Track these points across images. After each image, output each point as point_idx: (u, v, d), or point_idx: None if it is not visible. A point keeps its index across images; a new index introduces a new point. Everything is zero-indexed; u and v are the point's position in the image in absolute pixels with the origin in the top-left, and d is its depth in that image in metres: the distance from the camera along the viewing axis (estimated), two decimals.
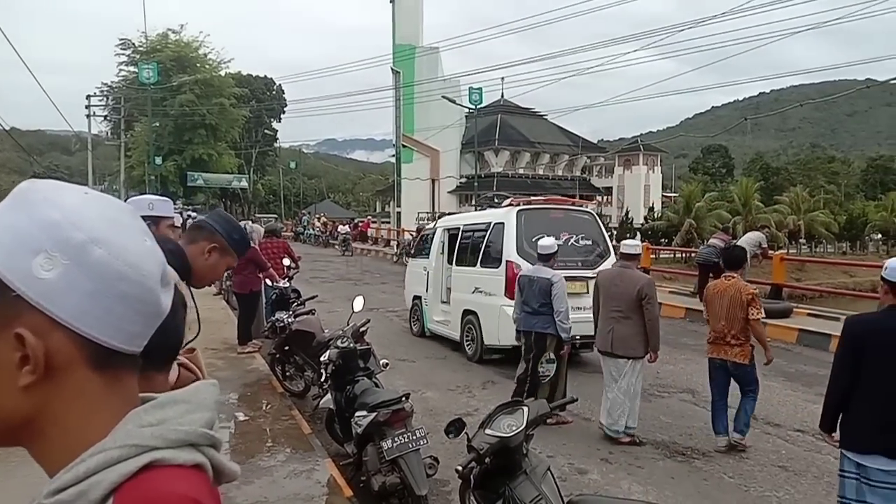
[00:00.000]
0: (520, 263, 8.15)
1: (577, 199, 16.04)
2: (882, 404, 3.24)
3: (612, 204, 68.14)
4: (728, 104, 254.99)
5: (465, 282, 9.48)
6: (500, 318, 8.33)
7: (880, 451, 3.18)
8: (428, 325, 10.60)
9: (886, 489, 3.15)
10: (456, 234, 10.07)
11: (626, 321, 5.71)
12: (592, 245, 8.89)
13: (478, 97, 31.37)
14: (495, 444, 3.11)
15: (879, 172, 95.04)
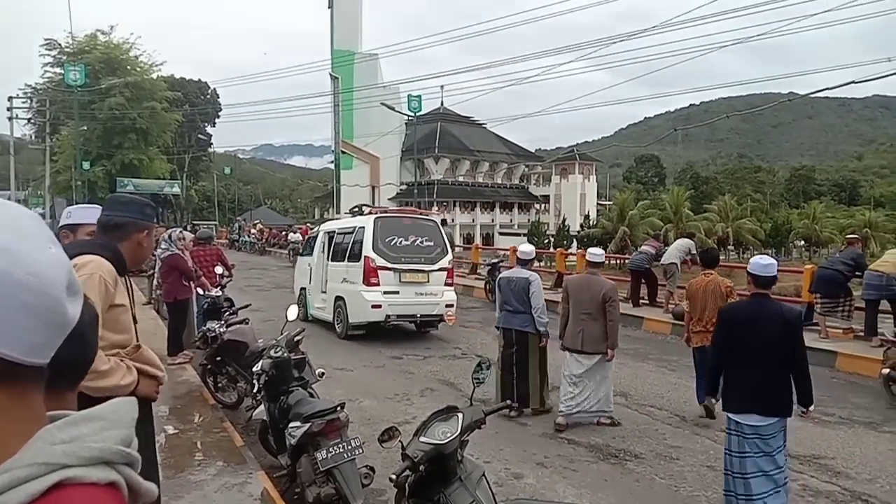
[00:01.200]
0: (374, 258, 10.56)
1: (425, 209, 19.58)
2: (747, 375, 4.22)
3: (549, 212, 69.22)
4: (660, 115, 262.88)
5: (337, 274, 11.47)
6: (360, 301, 10.61)
7: (749, 409, 4.18)
8: (311, 312, 12.46)
9: (756, 439, 4.15)
10: (332, 236, 12.19)
11: (594, 322, 6.36)
12: (434, 245, 11.13)
13: (417, 105, 31.42)
14: (430, 452, 3.10)
15: (802, 182, 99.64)
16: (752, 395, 4.19)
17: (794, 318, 4.43)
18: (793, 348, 4.22)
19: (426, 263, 10.88)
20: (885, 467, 5.41)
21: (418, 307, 10.77)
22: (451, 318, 11.14)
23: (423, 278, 10.83)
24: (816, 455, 5.67)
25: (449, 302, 11.11)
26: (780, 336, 4.21)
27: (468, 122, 68.51)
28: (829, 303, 10.01)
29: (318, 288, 12.31)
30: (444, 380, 8.18)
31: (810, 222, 65.65)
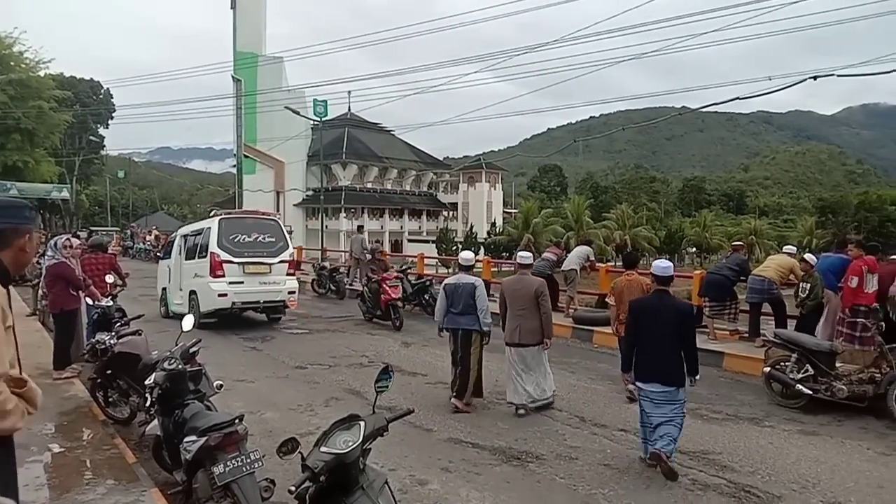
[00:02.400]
0: (219, 253, 12.10)
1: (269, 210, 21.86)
2: (647, 353, 5.57)
3: (457, 219, 69.90)
4: (563, 126, 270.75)
5: (190, 270, 12.89)
6: (208, 292, 12.11)
7: (652, 379, 5.48)
8: (171, 308, 13.78)
9: (661, 401, 5.45)
10: (186, 238, 13.59)
11: (529, 317, 7.13)
12: (275, 241, 12.83)
13: (323, 109, 31.00)
14: (331, 462, 3.06)
15: (693, 192, 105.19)
16: (655, 369, 5.49)
17: (685, 308, 5.83)
18: (684, 332, 5.51)
19: (268, 257, 12.57)
20: (765, 459, 5.78)
21: (261, 294, 12.52)
22: (293, 303, 13.13)
23: (266, 269, 12.53)
24: (705, 451, 5.99)
25: (291, 289, 12.94)
26: (675, 323, 5.49)
27: (376, 128, 68.27)
28: (716, 306, 10.61)
29: (176, 286, 13.63)
30: (351, 389, 8.09)
31: (701, 230, 69.46)
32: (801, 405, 7.36)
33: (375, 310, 13.39)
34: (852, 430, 6.70)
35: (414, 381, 8.55)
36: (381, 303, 13.11)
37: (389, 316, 12.95)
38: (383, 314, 13.11)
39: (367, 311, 13.77)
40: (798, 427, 6.79)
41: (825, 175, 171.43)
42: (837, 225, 70.30)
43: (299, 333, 12.37)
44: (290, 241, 13.47)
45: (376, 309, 13.34)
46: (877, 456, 5.94)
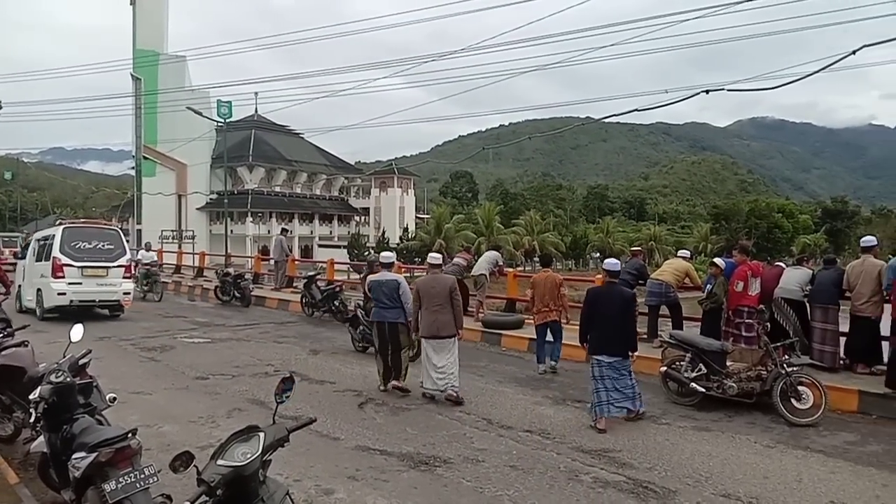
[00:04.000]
0: (60, 257, 13.72)
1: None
2: (599, 330, 7.06)
3: (369, 224, 69.52)
4: (473, 134, 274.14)
5: (38, 271, 14.44)
6: (50, 291, 13.80)
7: (603, 352, 6.93)
8: (24, 304, 15.22)
9: (609, 369, 6.87)
10: (39, 241, 15.18)
11: (444, 311, 7.81)
12: (114, 248, 14.44)
13: (227, 110, 30.06)
14: (228, 475, 2.95)
15: (597, 199, 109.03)
16: (604, 343, 6.99)
17: (629, 295, 7.33)
18: (628, 314, 7.09)
19: (106, 262, 14.21)
20: (662, 456, 6.02)
21: (98, 294, 14.18)
22: (127, 302, 14.69)
23: (103, 273, 14.15)
24: (606, 449, 6.18)
25: (126, 290, 14.62)
26: (621, 306, 7.03)
27: (284, 131, 66.93)
28: None
29: (28, 283, 15.19)
30: (255, 399, 7.85)
31: (604, 236, 72.10)
32: (696, 402, 7.73)
33: None
34: (741, 425, 7.10)
35: (322, 390, 8.40)
36: None
37: None
38: None
39: (363, 340, 10.85)
40: (692, 423, 7.13)
41: (719, 184, 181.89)
42: (730, 231, 74.64)
43: (201, 343, 11.92)
44: (128, 248, 15.29)
45: None
46: (763, 448, 6.30)
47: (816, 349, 8.79)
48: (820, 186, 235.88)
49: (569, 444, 6.34)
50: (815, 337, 8.89)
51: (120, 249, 14.59)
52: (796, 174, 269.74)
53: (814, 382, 7.27)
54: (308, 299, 15.29)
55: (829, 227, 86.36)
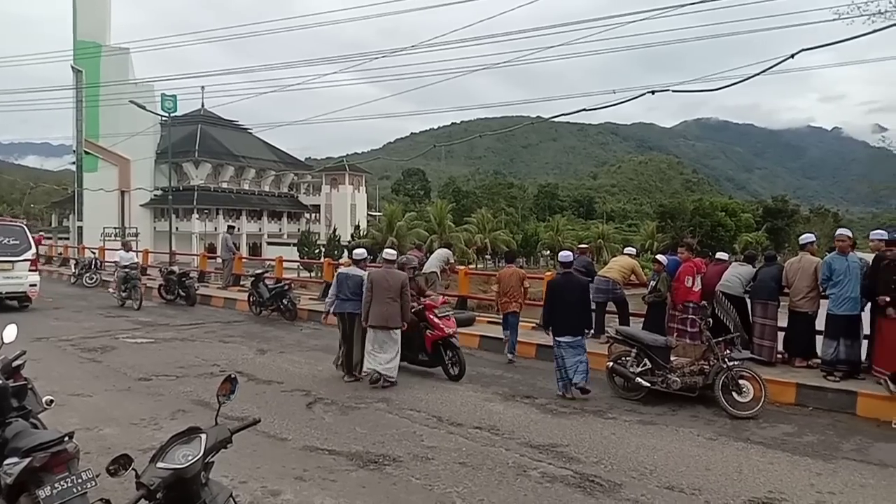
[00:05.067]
0: None
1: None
2: (562, 316, 8.15)
3: (320, 222, 68.81)
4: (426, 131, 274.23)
5: None
6: None
7: (566, 334, 8.09)
8: None
9: (571, 348, 8.01)
10: None
11: (394, 304, 8.47)
12: (20, 244, 15.11)
13: (172, 105, 29.36)
14: (168, 478, 2.87)
15: (547, 198, 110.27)
16: (567, 326, 8.13)
17: (584, 283, 8.67)
18: (584, 299, 8.42)
19: (11, 256, 14.85)
20: (608, 450, 6.13)
21: (3, 286, 14.79)
22: (34, 294, 15.24)
23: (9, 266, 14.84)
24: (553, 444, 6.25)
25: (32, 283, 15.19)
26: (578, 293, 8.28)
27: (232, 126, 65.69)
28: None
29: None
30: (200, 400, 7.68)
31: (554, 234, 73.03)
32: (641, 397, 7.89)
33: (416, 351, 9.31)
34: (685, 419, 7.28)
35: (269, 390, 8.28)
36: (425, 342, 9.14)
37: (440, 360, 9.12)
38: (430, 358, 9.23)
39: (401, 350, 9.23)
40: (637, 418, 7.28)
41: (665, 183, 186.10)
42: (675, 229, 76.46)
43: (144, 343, 11.59)
44: (33, 243, 15.88)
45: (417, 350, 9.30)
46: (705, 441, 6.48)
47: (756, 344, 9.08)
48: (761, 186, 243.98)
49: (518, 439, 6.39)
50: (754, 332, 9.18)
51: (25, 245, 15.32)
52: (739, 174, 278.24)
53: (754, 376, 7.50)
54: (256, 298, 15.03)
55: (770, 225, 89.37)
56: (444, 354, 9.06)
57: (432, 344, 9.10)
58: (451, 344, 9.08)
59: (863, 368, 8.21)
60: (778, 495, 5.09)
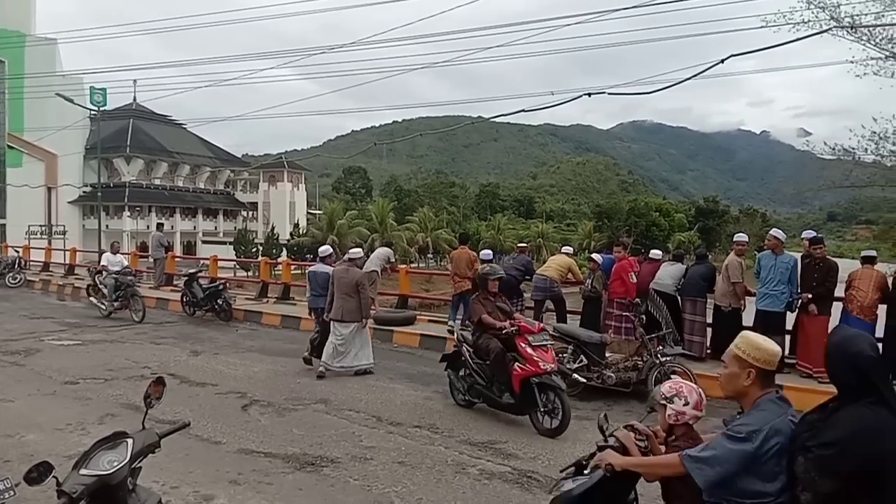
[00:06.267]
0: None
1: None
2: None
3: (257, 220, 67.57)
4: (367, 129, 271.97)
5: None
6: None
7: None
8: None
9: None
10: None
11: (350, 300, 8.91)
12: None
13: (101, 98, 28.23)
14: (92, 485, 2.75)
15: (489, 197, 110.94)
16: None
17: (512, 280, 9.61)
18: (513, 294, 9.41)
19: None
20: (545, 445, 6.22)
21: None
22: None
23: None
24: (492, 441, 6.31)
25: None
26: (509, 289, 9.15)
27: (165, 120, 63.71)
28: None
29: None
30: (129, 403, 7.41)
31: (496, 233, 73.61)
32: (578, 392, 8.01)
33: (498, 390, 7.04)
34: (619, 414, 7.42)
35: (203, 392, 8.07)
36: (513, 379, 6.79)
37: (531, 404, 6.74)
38: (518, 401, 6.86)
39: (474, 387, 7.36)
40: (574, 413, 7.34)
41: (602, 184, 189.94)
42: (612, 228, 78.22)
43: (70, 345, 11.14)
44: None
45: (500, 389, 7.03)
46: None
47: (687, 340, 9.37)
48: (694, 187, 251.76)
49: (457, 437, 6.42)
50: (685, 328, 9.47)
51: None
52: (672, 175, 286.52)
53: (685, 371, 7.74)
54: (189, 298, 14.62)
55: (702, 225, 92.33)
56: (538, 398, 6.68)
57: (522, 383, 6.74)
58: (548, 385, 6.68)
59: (788, 363, 8.59)
60: None
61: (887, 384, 2.41)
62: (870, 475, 2.31)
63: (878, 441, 2.31)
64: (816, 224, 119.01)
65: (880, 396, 2.38)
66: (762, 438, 2.51)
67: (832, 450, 2.35)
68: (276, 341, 11.87)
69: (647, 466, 2.93)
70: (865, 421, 2.35)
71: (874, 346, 2.55)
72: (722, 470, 2.55)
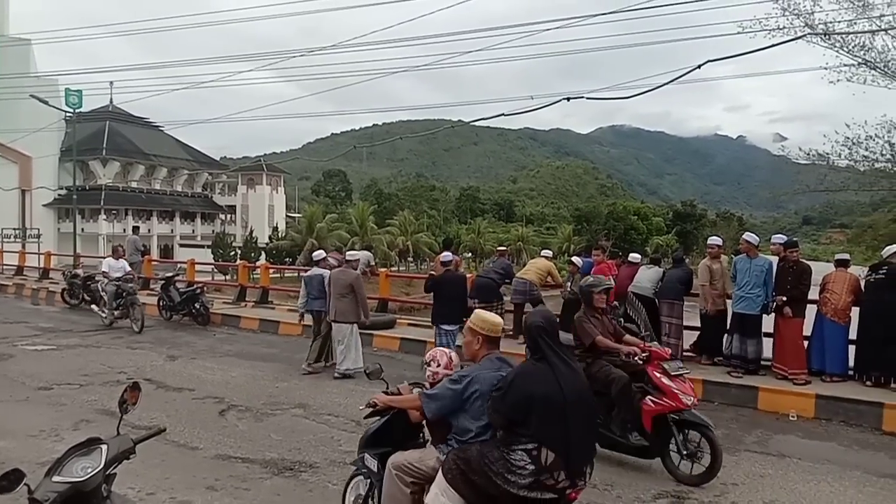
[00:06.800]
0: None
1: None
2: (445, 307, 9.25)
3: (236, 223, 67.07)
4: (347, 132, 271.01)
5: None
6: None
7: (446, 323, 9.21)
8: None
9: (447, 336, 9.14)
10: None
11: (345, 300, 9.17)
12: None
13: (77, 100, 27.85)
14: (65, 492, 2.70)
15: (469, 200, 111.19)
16: (446, 315, 9.20)
17: (462, 277, 10.13)
18: (463, 292, 9.59)
19: None
20: None
21: None
22: None
23: None
24: None
25: None
26: (458, 287, 9.53)
27: (142, 123, 63.03)
28: (485, 307, 11.25)
29: None
30: (105, 409, 7.32)
31: (476, 236, 73.76)
32: None
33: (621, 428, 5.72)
34: None
35: (179, 397, 7.98)
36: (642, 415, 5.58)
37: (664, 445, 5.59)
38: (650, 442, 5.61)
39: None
40: None
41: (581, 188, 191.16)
42: (591, 232, 78.75)
43: (44, 350, 10.97)
44: None
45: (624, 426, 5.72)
46: None
47: (664, 342, 9.43)
48: (671, 191, 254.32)
49: None
50: (662, 330, 9.55)
51: None
52: (651, 179, 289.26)
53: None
54: (166, 302, 14.47)
55: (680, 228, 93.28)
56: (675, 437, 5.52)
57: (654, 420, 5.53)
58: (691, 422, 5.52)
59: (764, 365, 8.70)
60: (685, 488, 5.30)
61: (553, 347, 3.30)
62: (522, 410, 3.15)
63: (529, 385, 3.18)
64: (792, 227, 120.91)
65: (543, 355, 3.28)
66: (467, 383, 3.41)
67: (498, 393, 3.25)
68: (254, 346, 11.78)
69: (399, 402, 3.80)
70: (524, 371, 3.29)
71: (548, 317, 3.48)
72: (441, 405, 3.46)
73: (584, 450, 3.28)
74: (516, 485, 3.13)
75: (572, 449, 3.16)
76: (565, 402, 3.17)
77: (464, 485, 3.27)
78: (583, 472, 3.28)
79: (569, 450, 3.15)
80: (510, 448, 3.18)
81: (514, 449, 3.16)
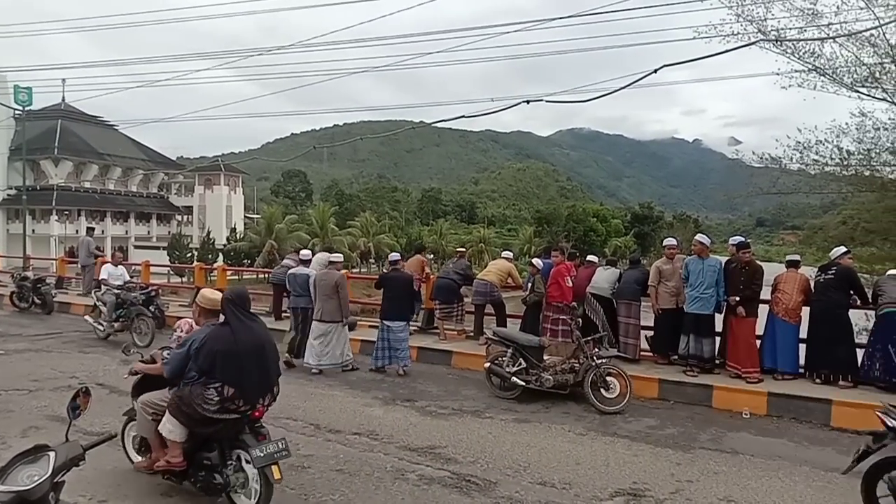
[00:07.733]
0: None
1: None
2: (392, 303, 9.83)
3: (193, 224, 65.92)
4: (307, 132, 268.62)
5: None
6: None
7: (391, 320, 9.67)
8: None
9: (391, 332, 9.64)
10: None
11: (330, 300, 9.51)
12: None
13: (27, 97, 27.01)
14: (10, 501, 2.64)
15: (431, 202, 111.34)
16: (393, 313, 9.71)
17: (409, 277, 10.26)
18: (410, 291, 9.98)
19: None
20: (484, 449, 6.26)
21: None
22: None
23: None
24: (432, 446, 6.30)
25: None
26: (404, 286, 9.92)
27: (96, 121, 61.47)
28: (445, 308, 11.31)
29: None
30: (55, 415, 7.09)
31: (438, 237, 73.85)
32: (516, 395, 8.12)
33: None
34: (557, 415, 7.56)
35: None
36: None
37: None
38: None
39: None
40: (513, 416, 7.48)
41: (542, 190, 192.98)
42: (552, 234, 79.56)
43: None
44: None
45: None
46: (576, 437, 6.76)
47: (622, 342, 9.59)
48: (630, 193, 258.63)
49: (396, 443, 6.39)
50: (620, 330, 9.69)
51: None
52: (609, 182, 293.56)
53: (620, 373, 7.92)
54: None
55: (638, 230, 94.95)
56: None
57: None
58: None
59: (718, 364, 8.89)
60: (642, 486, 5.39)
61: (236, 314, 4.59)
62: (209, 361, 4.45)
63: (214, 345, 4.46)
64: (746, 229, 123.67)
65: (227, 320, 4.59)
66: (189, 344, 4.58)
67: (195, 352, 4.49)
68: None
69: (149, 370, 5.06)
70: (212, 335, 4.53)
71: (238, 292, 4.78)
72: (173, 366, 4.66)
73: (259, 385, 4.62)
74: (209, 410, 4.42)
75: (246, 384, 4.49)
76: (240, 354, 4.48)
77: (179, 413, 4.54)
78: (258, 400, 4.63)
79: (243, 385, 4.48)
80: (206, 387, 4.45)
81: (208, 387, 4.44)
